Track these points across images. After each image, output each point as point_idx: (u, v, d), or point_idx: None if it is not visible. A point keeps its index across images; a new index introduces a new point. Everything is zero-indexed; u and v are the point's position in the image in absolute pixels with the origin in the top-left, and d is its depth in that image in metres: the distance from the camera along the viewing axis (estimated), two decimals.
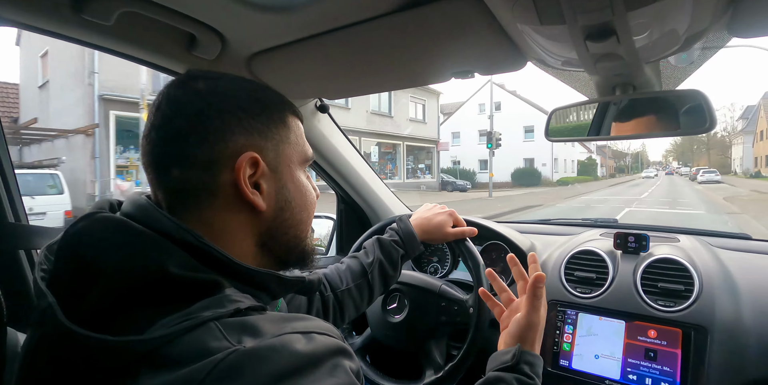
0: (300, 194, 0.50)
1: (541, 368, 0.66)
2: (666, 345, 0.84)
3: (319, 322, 0.41)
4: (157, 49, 0.78)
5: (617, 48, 0.59)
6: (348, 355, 0.39)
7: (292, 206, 0.49)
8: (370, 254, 0.86)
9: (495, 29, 0.64)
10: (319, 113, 1.14)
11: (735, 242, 1.09)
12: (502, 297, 0.77)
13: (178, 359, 0.33)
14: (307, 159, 0.52)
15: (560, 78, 0.88)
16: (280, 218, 0.48)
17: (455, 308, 0.92)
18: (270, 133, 0.47)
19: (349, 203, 1.41)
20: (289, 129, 0.50)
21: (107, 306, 0.36)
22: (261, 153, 0.45)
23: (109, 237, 0.39)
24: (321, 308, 0.82)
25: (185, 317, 0.35)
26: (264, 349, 0.34)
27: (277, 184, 0.47)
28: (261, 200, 0.45)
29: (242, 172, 0.43)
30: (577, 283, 0.99)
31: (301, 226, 0.51)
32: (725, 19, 0.58)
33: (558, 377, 0.92)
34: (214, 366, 0.32)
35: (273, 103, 0.49)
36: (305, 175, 0.53)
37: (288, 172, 0.49)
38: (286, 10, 0.66)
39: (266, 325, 0.37)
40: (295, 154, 0.50)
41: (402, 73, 0.86)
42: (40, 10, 0.64)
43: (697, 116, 0.70)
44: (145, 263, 0.37)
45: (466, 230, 0.92)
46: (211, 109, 0.44)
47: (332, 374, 0.36)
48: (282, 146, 0.48)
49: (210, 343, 0.33)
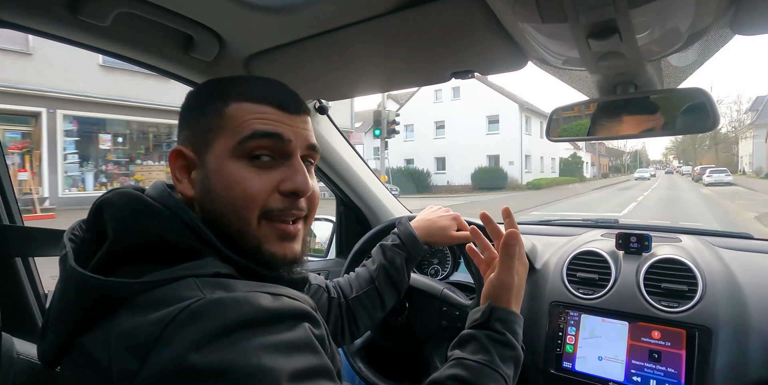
0: (222, 185, 0.48)
1: (520, 325, 0.65)
2: (670, 346, 0.83)
3: (295, 291, 0.45)
4: (153, 51, 0.77)
5: (619, 46, 0.58)
6: (313, 320, 0.42)
7: (212, 197, 0.48)
8: (375, 260, 0.87)
9: (495, 28, 0.63)
10: (318, 115, 1.13)
11: (737, 241, 1.08)
12: (485, 255, 0.75)
13: (154, 304, 0.37)
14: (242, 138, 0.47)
15: (561, 77, 0.87)
16: (207, 207, 0.49)
17: (456, 313, 0.91)
18: (198, 125, 0.50)
19: (349, 206, 1.40)
20: (222, 117, 0.48)
21: (111, 260, 0.43)
22: (190, 145, 0.50)
23: (123, 206, 0.45)
24: (338, 314, 0.83)
25: (169, 272, 0.40)
26: (228, 299, 0.37)
27: (201, 174, 0.49)
28: (187, 187, 0.50)
29: (172, 164, 0.50)
30: (580, 284, 0.99)
31: (225, 220, 0.48)
32: (728, 17, 0.58)
33: (561, 380, 0.91)
34: (181, 310, 0.36)
35: (210, 95, 0.51)
36: (250, 164, 0.48)
37: (215, 162, 0.48)
38: (284, 11, 0.65)
39: (240, 285, 0.41)
40: (226, 141, 0.48)
41: (401, 73, 0.85)
42: (35, 12, 0.63)
43: (700, 115, 0.70)
44: (145, 228, 0.43)
45: (471, 235, 0.91)
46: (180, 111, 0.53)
47: (292, 330, 0.39)
48: (210, 136, 0.49)
49: (184, 292, 0.38)
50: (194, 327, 0.35)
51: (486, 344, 0.60)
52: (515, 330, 0.63)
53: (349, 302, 0.84)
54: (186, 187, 0.50)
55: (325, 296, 0.83)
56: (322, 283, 0.85)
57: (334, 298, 0.84)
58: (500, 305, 0.65)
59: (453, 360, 0.60)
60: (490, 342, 0.60)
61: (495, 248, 0.74)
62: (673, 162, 76.68)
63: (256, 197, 0.48)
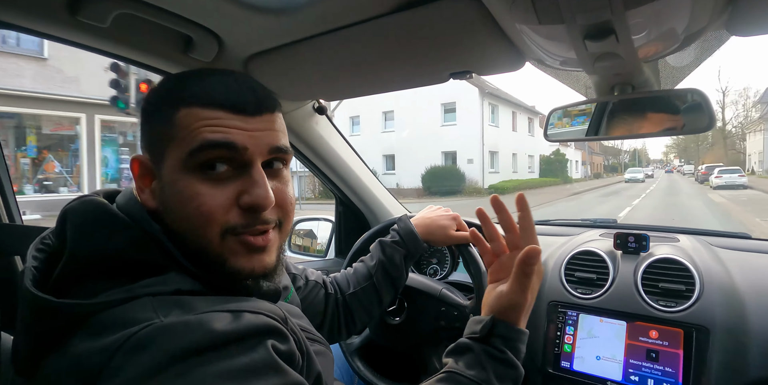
0: (175, 200, 0.44)
1: (524, 342, 0.59)
2: (668, 346, 0.83)
3: (262, 303, 0.43)
4: (153, 51, 0.78)
5: (616, 47, 0.58)
6: (278, 334, 0.40)
7: (169, 211, 0.45)
8: (373, 256, 0.87)
9: (493, 29, 0.64)
10: (316, 115, 1.13)
11: (735, 241, 1.09)
12: (492, 246, 0.67)
13: (105, 327, 0.36)
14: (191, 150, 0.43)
15: (559, 78, 0.88)
16: (168, 220, 0.45)
17: (455, 313, 0.91)
18: (153, 133, 0.46)
19: (348, 205, 1.40)
20: (173, 125, 0.44)
21: (66, 277, 0.41)
22: (149, 153, 0.47)
23: (85, 216, 0.43)
24: (335, 310, 0.83)
25: (126, 291, 0.38)
26: (178, 324, 0.35)
27: (159, 186, 0.46)
28: (148, 197, 0.47)
29: (135, 172, 0.48)
30: (578, 284, 0.99)
31: (185, 237, 0.44)
32: (724, 18, 0.58)
33: (559, 379, 0.92)
34: (128, 338, 0.34)
35: (162, 100, 0.46)
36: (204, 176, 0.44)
37: (168, 174, 0.44)
38: (283, 12, 0.66)
39: (200, 303, 0.39)
40: (177, 151, 0.44)
41: (399, 74, 0.86)
42: (35, 13, 0.63)
43: (697, 115, 0.70)
44: (104, 241, 0.41)
45: (470, 235, 0.90)
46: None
47: (251, 350, 0.36)
48: (162, 146, 0.45)
49: (136, 314, 0.36)
50: (141, 357, 0.33)
51: (482, 360, 0.56)
52: (517, 348, 0.58)
53: (346, 298, 0.83)
54: (148, 198, 0.47)
55: (323, 292, 0.83)
56: (320, 279, 0.84)
57: (331, 294, 0.83)
58: (506, 320, 0.59)
59: (445, 372, 0.56)
60: (487, 358, 0.56)
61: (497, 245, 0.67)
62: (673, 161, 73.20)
63: (212, 215, 0.43)
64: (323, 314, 0.81)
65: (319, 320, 0.81)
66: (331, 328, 0.82)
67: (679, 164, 62.90)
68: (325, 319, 0.81)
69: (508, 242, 0.65)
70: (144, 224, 0.44)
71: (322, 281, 0.84)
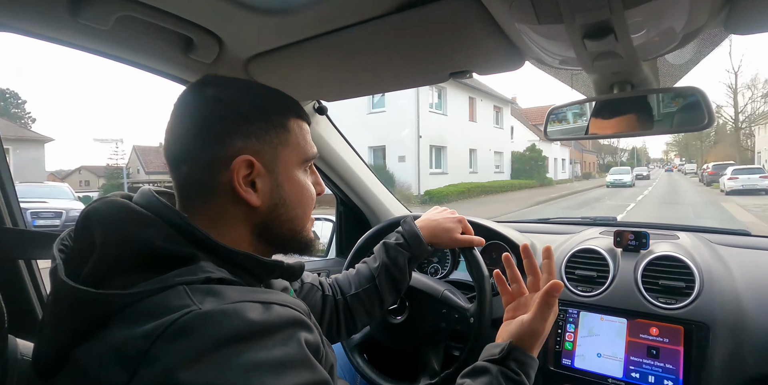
0: (295, 192, 0.54)
1: (534, 369, 0.64)
2: (668, 342, 0.84)
3: (286, 296, 0.45)
4: (154, 53, 0.78)
5: (615, 46, 0.59)
6: (306, 327, 0.42)
7: (286, 203, 0.53)
8: (377, 258, 0.86)
9: (492, 29, 0.64)
10: (317, 115, 1.13)
11: (735, 238, 1.09)
12: (512, 287, 0.73)
13: (144, 315, 0.38)
14: (308, 159, 0.56)
15: (558, 77, 0.88)
16: (275, 214, 0.52)
17: (456, 315, 0.92)
18: (268, 137, 0.51)
19: (348, 205, 1.40)
20: (289, 132, 0.53)
21: (100, 271, 0.43)
22: (257, 155, 0.50)
23: (111, 215, 0.45)
24: (334, 311, 0.83)
25: (160, 281, 0.40)
26: (217, 312, 0.37)
27: (272, 184, 0.51)
28: (255, 197, 0.50)
29: (236, 173, 0.48)
30: (578, 281, 0.99)
31: (296, 220, 0.55)
32: (722, 17, 0.59)
33: (560, 376, 0.92)
34: (170, 324, 0.36)
35: (274, 109, 0.52)
36: (306, 174, 0.56)
37: (284, 172, 0.52)
38: (283, 13, 0.66)
39: (231, 292, 0.41)
40: (294, 155, 0.53)
41: (399, 74, 0.86)
42: (36, 16, 0.63)
43: (696, 113, 0.70)
44: (134, 236, 0.43)
45: (475, 239, 0.90)
46: (214, 115, 0.49)
47: (284, 343, 0.39)
48: (279, 149, 0.52)
49: (174, 302, 0.38)
50: (183, 343, 0.35)
51: (499, 381, 0.60)
52: (529, 374, 0.63)
53: (347, 299, 0.84)
54: (253, 197, 0.50)
55: (319, 294, 0.83)
56: (316, 281, 0.85)
57: (328, 295, 0.83)
58: (522, 347, 0.64)
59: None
60: (505, 379, 0.60)
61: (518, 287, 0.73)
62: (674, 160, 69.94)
63: (314, 200, 0.57)
64: (320, 316, 0.81)
65: (317, 322, 0.81)
66: (330, 329, 0.83)
67: (680, 163, 59.88)
68: (323, 321, 0.81)
69: (529, 284, 0.72)
70: (171, 215, 0.46)
71: (318, 283, 0.84)
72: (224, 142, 0.48)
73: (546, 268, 0.70)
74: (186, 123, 0.49)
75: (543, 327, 0.65)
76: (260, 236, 0.52)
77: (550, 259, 0.70)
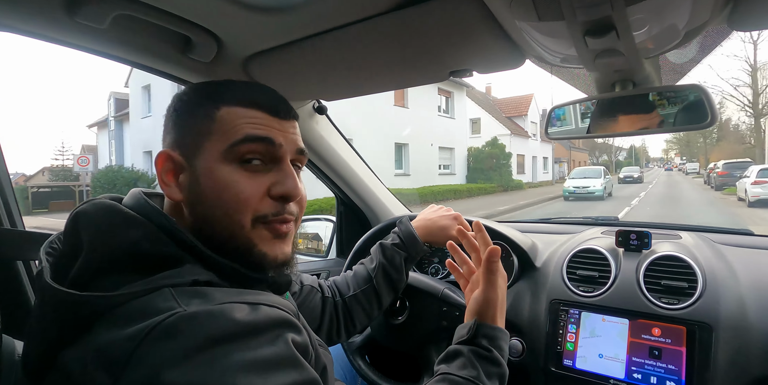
0: (213, 189, 0.47)
1: (506, 341, 0.66)
2: (670, 343, 0.83)
3: (274, 297, 0.45)
4: (152, 52, 0.77)
5: (617, 43, 0.58)
6: (294, 328, 0.42)
7: (202, 201, 0.48)
8: (374, 259, 0.87)
9: (493, 27, 0.63)
10: (317, 115, 1.13)
11: (737, 238, 1.08)
12: (464, 269, 0.77)
13: (129, 318, 0.37)
14: (233, 143, 0.47)
15: (559, 75, 0.87)
16: (196, 212, 0.49)
17: (457, 313, 0.91)
18: (188, 128, 0.50)
19: (349, 205, 1.40)
20: (214, 121, 0.49)
21: (86, 273, 0.42)
22: (179, 148, 0.50)
23: (98, 216, 0.45)
24: (333, 313, 0.84)
25: (146, 283, 0.40)
26: (203, 313, 0.37)
27: (190, 178, 0.49)
28: (174, 191, 0.49)
29: (159, 167, 0.49)
30: (580, 282, 0.99)
31: (215, 224, 0.47)
32: (725, 13, 0.58)
33: (562, 377, 0.91)
34: (155, 326, 0.35)
35: (201, 98, 0.51)
36: (242, 168, 0.48)
37: (204, 166, 0.48)
38: (282, 12, 0.65)
39: (218, 294, 0.41)
40: (217, 144, 0.48)
41: (399, 73, 0.85)
42: (33, 15, 0.63)
43: (698, 111, 0.70)
44: (121, 238, 0.43)
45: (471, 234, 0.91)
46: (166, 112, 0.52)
47: (271, 343, 0.38)
48: (200, 140, 0.49)
49: (159, 304, 0.38)
50: (168, 344, 0.34)
51: (473, 360, 0.61)
52: (501, 346, 0.65)
53: (345, 300, 0.84)
54: (174, 191, 0.49)
55: (319, 296, 0.83)
56: (315, 283, 0.85)
57: (328, 297, 0.84)
58: (486, 321, 0.66)
59: (439, 375, 0.61)
60: (477, 358, 0.61)
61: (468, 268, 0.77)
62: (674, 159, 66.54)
63: (247, 201, 0.48)
64: (320, 318, 0.81)
65: (317, 325, 0.81)
66: (330, 331, 0.83)
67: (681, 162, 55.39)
68: (323, 323, 0.81)
69: (474, 261, 0.75)
70: (158, 218, 0.46)
71: (318, 286, 0.84)
72: (164, 138, 0.52)
73: (481, 241, 0.73)
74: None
75: (495, 294, 0.67)
76: (199, 235, 0.47)
77: (481, 232, 0.73)
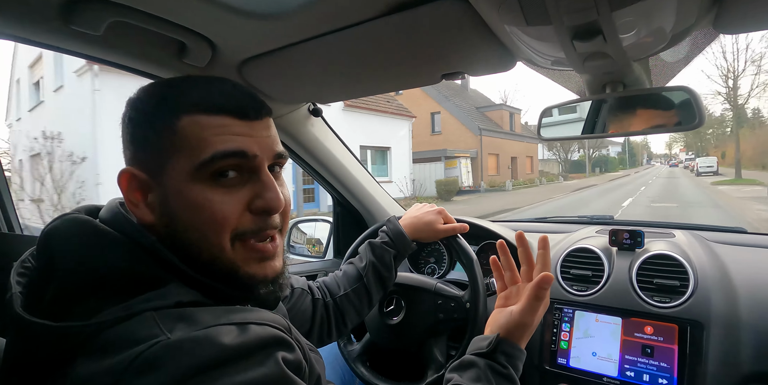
0: (186, 211, 0.43)
1: (522, 361, 0.64)
2: (663, 341, 0.84)
3: (265, 313, 0.42)
4: (147, 58, 0.78)
5: (604, 47, 0.59)
6: (286, 345, 0.39)
7: (175, 222, 0.43)
8: (363, 258, 0.88)
9: (483, 31, 0.64)
10: (312, 117, 1.14)
11: (730, 236, 1.09)
12: (507, 276, 0.72)
13: (109, 347, 0.34)
14: (203, 162, 0.42)
15: (551, 77, 0.88)
16: (171, 233, 0.44)
17: (452, 304, 0.93)
18: (148, 143, 0.44)
19: (346, 206, 1.41)
20: (176, 134, 0.43)
21: (62, 299, 0.39)
22: (141, 166, 0.44)
23: (72, 235, 0.41)
24: (324, 314, 0.84)
25: (126, 308, 0.37)
26: (186, 341, 0.34)
27: (159, 198, 0.44)
28: (145, 212, 0.44)
29: (124, 187, 0.44)
30: (574, 281, 1.00)
31: (193, 248, 0.43)
32: (711, 16, 0.59)
33: (556, 375, 0.92)
34: (135, 358, 0.33)
35: (158, 107, 0.44)
36: (214, 184, 0.43)
37: (173, 185, 0.43)
38: (275, 17, 0.66)
39: (204, 316, 0.37)
40: (183, 161, 0.43)
41: (392, 76, 0.86)
42: (29, 22, 0.64)
43: (687, 112, 0.71)
44: (97, 259, 0.40)
45: (457, 226, 0.93)
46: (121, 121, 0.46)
47: (261, 364, 0.36)
48: (163, 157, 0.43)
49: (140, 332, 0.35)
50: (151, 377, 0.32)
51: (488, 375, 0.59)
52: (517, 366, 0.63)
53: (336, 300, 0.84)
54: (144, 213, 0.44)
55: (309, 298, 0.83)
56: (305, 285, 0.85)
57: (318, 299, 0.84)
58: (510, 339, 0.64)
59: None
60: (492, 373, 0.59)
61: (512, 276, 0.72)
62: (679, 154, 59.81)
63: (225, 220, 0.43)
64: (311, 321, 0.81)
65: (308, 327, 0.81)
66: (321, 332, 0.83)
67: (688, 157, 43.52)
68: (314, 325, 0.81)
69: (522, 274, 0.71)
70: (137, 236, 0.42)
71: (307, 288, 0.84)
72: (124, 152, 0.46)
73: (540, 259, 0.68)
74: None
75: (532, 320, 0.65)
76: (180, 257, 0.43)
77: (546, 249, 0.68)
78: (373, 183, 1.38)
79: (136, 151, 0.45)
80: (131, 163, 0.45)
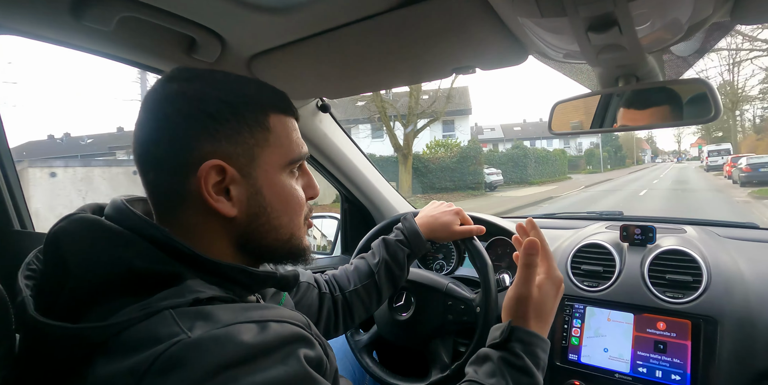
0: (279, 199, 0.48)
1: (543, 350, 0.60)
2: (675, 337, 0.83)
3: (283, 310, 0.42)
4: (157, 53, 0.78)
5: (619, 39, 0.58)
6: (306, 342, 0.39)
7: (267, 212, 0.47)
8: (376, 254, 0.86)
9: (495, 23, 0.63)
10: (320, 113, 1.13)
11: (742, 231, 1.08)
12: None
13: (129, 347, 0.34)
14: (294, 160, 0.50)
15: (562, 70, 0.87)
16: (255, 224, 0.47)
17: (462, 307, 0.92)
18: (241, 138, 0.45)
19: (353, 203, 1.41)
20: (269, 131, 0.47)
21: (78, 300, 0.38)
22: (230, 160, 0.44)
23: (82, 235, 0.41)
24: (332, 309, 0.83)
25: (143, 307, 0.36)
26: (207, 339, 0.34)
27: (249, 191, 0.46)
28: (229, 206, 0.45)
29: (204, 180, 0.43)
30: (584, 276, 0.99)
31: (281, 229, 0.49)
32: (728, 6, 0.58)
33: (567, 371, 0.92)
34: (156, 358, 0.33)
35: (249, 104, 0.46)
36: (293, 176, 0.51)
37: (264, 177, 0.47)
38: (285, 11, 0.66)
39: (223, 313, 0.37)
40: (275, 157, 0.48)
41: (403, 70, 0.86)
42: (39, 18, 0.64)
43: (702, 105, 0.69)
44: (111, 259, 0.39)
45: (474, 228, 0.91)
46: (179, 114, 0.43)
47: (283, 362, 0.36)
48: (257, 151, 0.46)
49: (160, 330, 0.35)
50: (173, 377, 0.32)
51: (501, 368, 0.57)
52: (536, 354, 0.59)
53: (346, 295, 0.83)
54: (226, 207, 0.45)
55: (316, 292, 0.82)
56: (311, 279, 0.84)
57: (325, 293, 0.83)
58: (519, 320, 0.61)
59: (466, 381, 0.58)
60: (505, 366, 0.57)
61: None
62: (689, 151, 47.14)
63: (303, 205, 0.52)
64: (318, 315, 0.80)
65: (314, 320, 0.80)
66: (327, 326, 0.82)
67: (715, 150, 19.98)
68: (320, 319, 0.81)
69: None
70: (150, 230, 0.42)
71: (314, 281, 0.84)
72: (190, 145, 0.43)
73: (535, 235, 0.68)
74: (150, 124, 0.44)
75: (527, 290, 0.62)
76: (243, 248, 0.48)
77: (536, 229, 0.69)
78: (381, 180, 1.37)
79: (222, 145, 0.44)
80: (218, 157, 0.44)
